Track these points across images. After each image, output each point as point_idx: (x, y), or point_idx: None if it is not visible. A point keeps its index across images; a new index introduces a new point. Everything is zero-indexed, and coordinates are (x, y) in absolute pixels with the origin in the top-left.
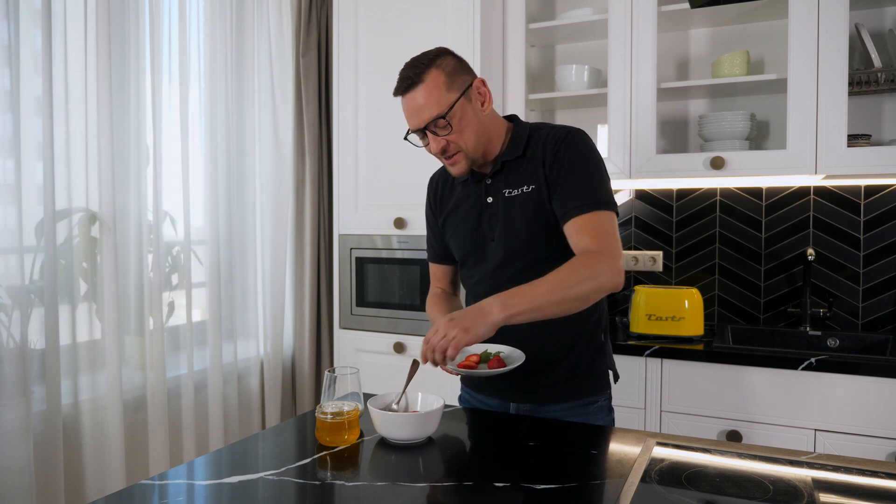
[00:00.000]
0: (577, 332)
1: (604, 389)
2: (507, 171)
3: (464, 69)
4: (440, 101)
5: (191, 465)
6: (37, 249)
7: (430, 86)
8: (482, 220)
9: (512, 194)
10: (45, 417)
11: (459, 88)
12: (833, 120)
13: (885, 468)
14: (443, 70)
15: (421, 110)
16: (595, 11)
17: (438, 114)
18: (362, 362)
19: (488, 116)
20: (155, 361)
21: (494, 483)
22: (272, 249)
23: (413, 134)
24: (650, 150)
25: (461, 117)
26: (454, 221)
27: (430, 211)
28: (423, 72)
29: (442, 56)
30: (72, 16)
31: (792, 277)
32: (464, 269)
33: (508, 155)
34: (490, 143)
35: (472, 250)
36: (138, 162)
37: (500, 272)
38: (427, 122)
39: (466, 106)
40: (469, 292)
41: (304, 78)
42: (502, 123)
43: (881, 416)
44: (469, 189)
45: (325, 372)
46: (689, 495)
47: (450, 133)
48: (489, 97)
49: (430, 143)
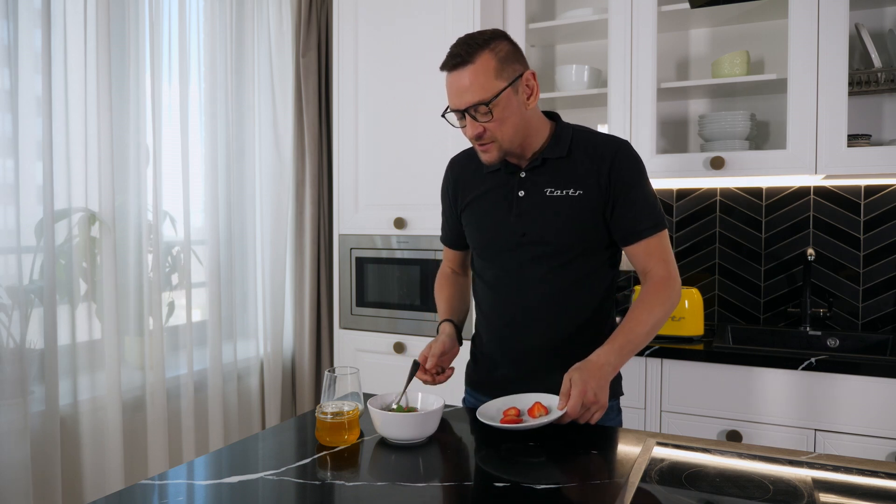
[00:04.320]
0: (592, 341)
1: (615, 395)
2: (548, 170)
3: (517, 58)
4: (486, 87)
5: (191, 465)
6: (36, 249)
7: (478, 69)
8: (511, 212)
9: (555, 194)
10: (43, 417)
11: (509, 77)
12: (833, 120)
13: (885, 468)
14: (495, 55)
15: (464, 92)
16: (595, 11)
17: (482, 100)
18: (362, 362)
19: (532, 111)
20: (154, 361)
21: (494, 483)
22: (272, 249)
23: (451, 113)
24: (650, 150)
25: (504, 107)
26: (478, 210)
27: (447, 195)
28: (475, 52)
29: (498, 39)
30: (71, 16)
31: (792, 277)
32: (480, 259)
33: (551, 153)
34: (528, 137)
35: (497, 242)
36: (138, 162)
37: (527, 271)
38: (468, 106)
39: (512, 97)
40: (486, 287)
41: (304, 78)
42: (545, 120)
43: (881, 416)
44: (498, 179)
45: (325, 372)
46: (689, 495)
47: (490, 121)
48: (536, 91)
49: (467, 126)
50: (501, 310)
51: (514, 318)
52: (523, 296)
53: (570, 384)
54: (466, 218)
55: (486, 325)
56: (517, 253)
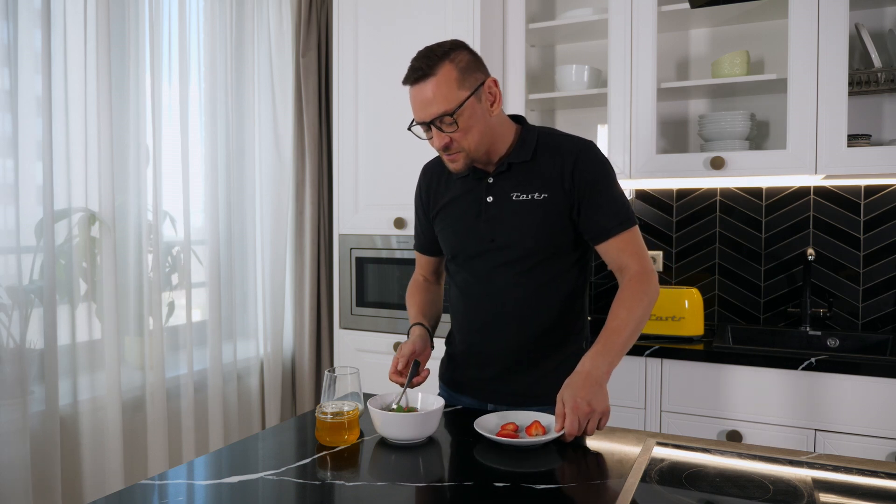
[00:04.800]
0: (560, 339)
1: None
2: (514, 174)
3: (478, 66)
4: (449, 98)
5: (190, 465)
6: (36, 249)
7: (440, 80)
8: (480, 218)
9: (521, 198)
10: (43, 417)
11: (471, 86)
12: (833, 120)
13: (885, 468)
14: (456, 65)
15: (429, 104)
16: (595, 11)
17: (446, 110)
18: (362, 362)
19: (496, 117)
20: (154, 361)
21: (494, 483)
22: (272, 249)
23: (417, 126)
24: (650, 150)
25: (469, 116)
26: (448, 217)
27: (419, 201)
28: (435, 64)
29: (457, 50)
30: (71, 16)
31: (792, 277)
32: (453, 264)
33: (516, 157)
34: (494, 143)
35: (467, 248)
36: (138, 162)
37: (497, 275)
38: (433, 118)
39: (476, 105)
40: (458, 291)
41: (304, 78)
42: (510, 125)
43: (881, 416)
44: (468, 185)
45: (325, 372)
46: (689, 495)
47: (455, 131)
48: (499, 98)
49: (433, 137)
50: (472, 313)
51: (484, 321)
52: (493, 299)
53: (562, 404)
54: (438, 224)
55: (458, 327)
56: (487, 258)
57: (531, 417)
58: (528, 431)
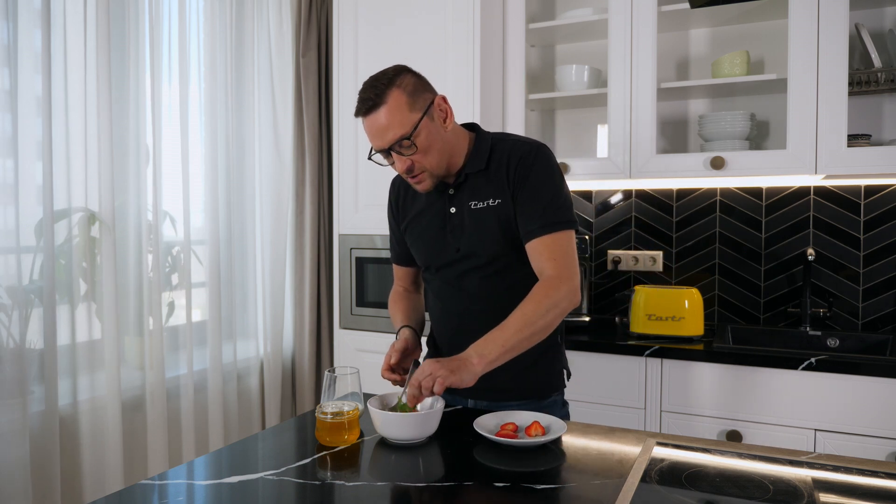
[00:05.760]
0: None
1: (559, 387)
2: (471, 183)
3: (424, 87)
4: (403, 122)
5: (190, 465)
6: (36, 249)
7: (392, 106)
8: (446, 229)
9: (478, 206)
10: (43, 417)
11: (422, 108)
12: (833, 120)
13: (885, 468)
14: (404, 90)
15: (384, 131)
16: (595, 11)
17: (403, 135)
18: (362, 362)
19: (450, 132)
20: (154, 361)
21: (494, 483)
22: (272, 249)
23: (377, 154)
24: (650, 150)
25: (425, 136)
26: (417, 229)
27: (391, 215)
28: (383, 92)
29: (401, 74)
30: (71, 16)
31: (792, 277)
32: (427, 273)
33: (471, 168)
34: (453, 157)
35: (436, 258)
36: (138, 162)
37: (466, 281)
38: (391, 143)
39: (430, 124)
40: (434, 296)
41: (304, 78)
42: (464, 135)
43: (881, 416)
44: (432, 198)
45: (325, 372)
46: (689, 495)
47: (415, 153)
48: (450, 113)
49: (395, 162)
50: (447, 319)
51: (458, 325)
52: (465, 305)
53: None
54: (409, 237)
55: (436, 329)
56: (455, 267)
57: (531, 417)
58: (527, 432)
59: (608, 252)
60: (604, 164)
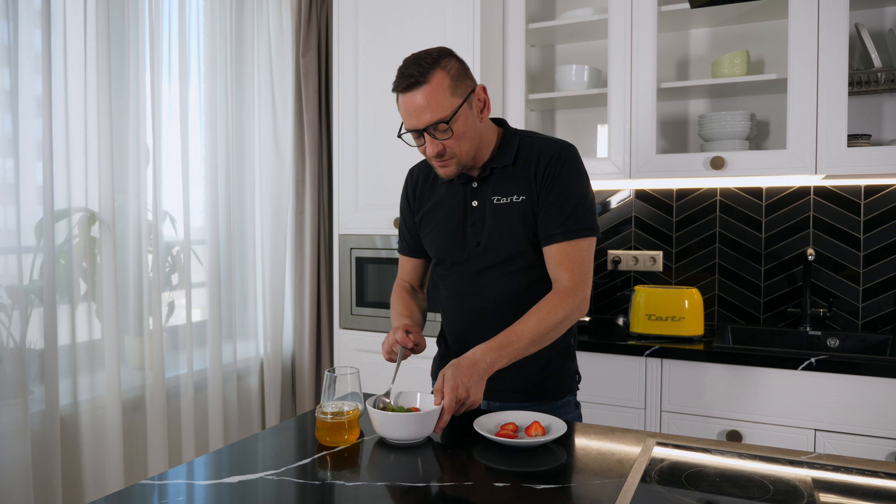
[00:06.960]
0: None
1: (571, 389)
2: (495, 178)
3: (466, 74)
4: (443, 105)
5: (190, 465)
6: (36, 249)
7: (434, 88)
8: (466, 222)
9: (501, 202)
10: (43, 417)
11: (463, 94)
12: (833, 120)
13: (885, 468)
14: (448, 72)
15: (422, 111)
16: (595, 11)
17: (441, 118)
18: (362, 362)
19: (484, 123)
20: (154, 361)
21: (494, 483)
22: (272, 249)
23: (407, 133)
24: (650, 150)
25: (462, 123)
26: (434, 220)
27: (406, 204)
28: (427, 71)
29: (446, 57)
30: (71, 16)
31: (792, 277)
32: (439, 267)
33: (498, 162)
34: (481, 149)
35: (453, 252)
36: (138, 162)
37: (484, 277)
38: (427, 125)
39: (468, 112)
40: (447, 292)
41: (304, 78)
42: (493, 129)
43: (881, 416)
44: (453, 190)
45: (325, 372)
46: (689, 495)
47: (449, 138)
48: (488, 105)
49: (426, 144)
50: (459, 315)
51: (472, 322)
52: (480, 302)
53: (443, 380)
54: (424, 227)
55: (448, 326)
56: (473, 262)
57: (531, 417)
58: (527, 432)
59: (608, 252)
60: (604, 164)
